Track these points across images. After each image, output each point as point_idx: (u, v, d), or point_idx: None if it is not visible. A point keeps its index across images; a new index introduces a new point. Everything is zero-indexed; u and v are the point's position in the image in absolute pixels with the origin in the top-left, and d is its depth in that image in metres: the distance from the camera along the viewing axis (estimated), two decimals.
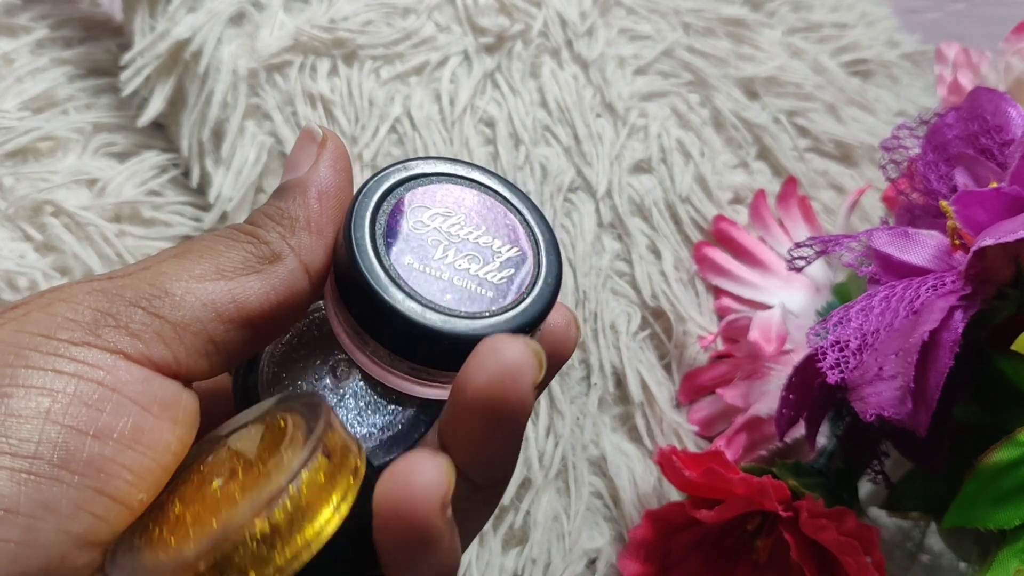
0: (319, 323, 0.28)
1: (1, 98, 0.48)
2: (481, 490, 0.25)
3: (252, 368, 0.27)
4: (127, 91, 0.50)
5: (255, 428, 0.23)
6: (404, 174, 0.25)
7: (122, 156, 0.50)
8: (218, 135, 0.49)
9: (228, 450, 0.22)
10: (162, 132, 0.52)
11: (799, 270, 0.39)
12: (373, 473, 0.23)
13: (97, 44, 0.53)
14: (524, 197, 0.26)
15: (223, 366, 0.24)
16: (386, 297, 0.23)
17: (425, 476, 0.20)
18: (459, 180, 0.26)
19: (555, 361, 0.26)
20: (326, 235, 0.25)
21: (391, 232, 0.24)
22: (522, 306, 0.24)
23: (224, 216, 0.49)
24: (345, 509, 0.21)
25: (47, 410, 0.19)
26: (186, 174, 0.51)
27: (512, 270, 0.25)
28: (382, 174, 0.25)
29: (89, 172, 0.48)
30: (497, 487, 0.26)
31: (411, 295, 0.23)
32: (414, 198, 0.25)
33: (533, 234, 0.26)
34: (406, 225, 0.24)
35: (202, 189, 0.50)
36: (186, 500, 0.21)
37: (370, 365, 0.25)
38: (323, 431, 0.21)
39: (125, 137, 0.51)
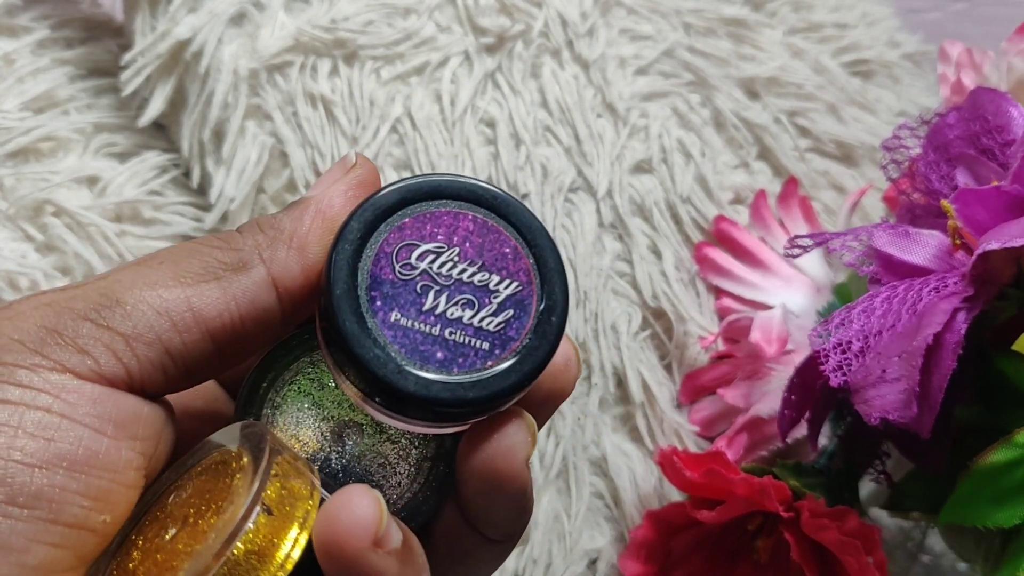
0: (318, 375, 0.27)
1: (2, 98, 0.48)
2: (493, 543, 0.25)
3: (250, 407, 0.26)
4: (128, 91, 0.50)
5: (215, 460, 0.22)
6: (389, 200, 0.23)
7: (123, 156, 0.50)
8: (219, 135, 0.49)
9: (189, 489, 0.22)
10: (163, 132, 0.52)
11: (795, 258, 0.39)
12: None
13: (98, 44, 0.53)
14: (525, 213, 0.24)
15: (183, 379, 0.22)
16: (373, 368, 0.21)
17: (354, 512, 0.20)
18: (452, 202, 0.23)
19: (554, 399, 0.25)
20: (308, 254, 0.23)
21: (375, 283, 0.22)
22: (518, 358, 0.22)
23: (225, 216, 0.49)
24: (290, 565, 0.20)
25: None
26: (187, 174, 0.51)
27: (511, 311, 0.23)
28: (367, 205, 0.22)
29: (90, 172, 0.48)
30: (509, 541, 0.26)
31: (395, 362, 0.22)
32: (402, 235, 0.22)
33: (536, 258, 0.23)
34: (392, 272, 0.22)
35: (203, 189, 0.50)
36: (144, 548, 0.21)
37: (375, 413, 0.24)
38: (261, 486, 0.21)
39: (126, 137, 0.51)
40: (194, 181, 0.50)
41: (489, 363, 0.22)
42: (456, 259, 0.23)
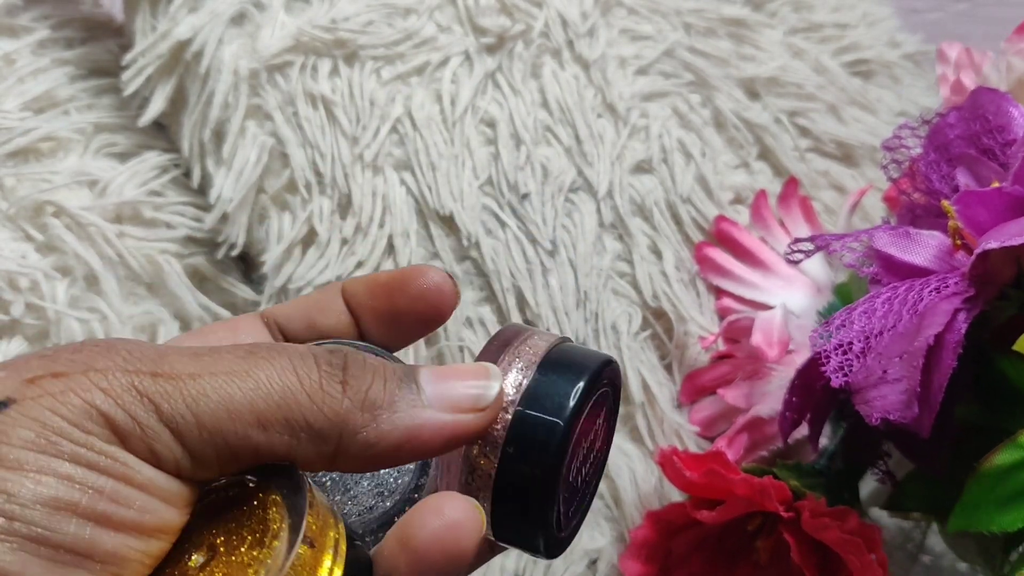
0: None
1: (2, 98, 0.48)
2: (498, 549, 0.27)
3: None
4: (128, 91, 0.50)
5: (225, 486, 0.23)
6: (589, 384, 0.24)
7: (123, 156, 0.50)
8: (219, 135, 0.49)
9: (207, 522, 0.22)
10: (163, 132, 0.52)
11: (796, 263, 0.39)
12: (354, 542, 0.24)
13: (98, 44, 0.53)
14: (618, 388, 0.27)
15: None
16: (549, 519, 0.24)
17: (467, 511, 0.23)
18: (603, 386, 0.25)
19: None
20: (372, 466, 0.24)
21: (568, 466, 0.24)
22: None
23: (225, 216, 0.49)
24: None
25: (77, 503, 0.20)
26: (187, 174, 0.51)
27: (592, 466, 0.26)
28: (584, 389, 0.24)
29: (90, 172, 0.48)
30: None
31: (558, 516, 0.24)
32: (583, 424, 0.25)
33: (608, 420, 0.27)
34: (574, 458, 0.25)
35: (203, 189, 0.50)
36: (169, 574, 0.21)
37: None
38: (306, 519, 0.21)
39: (126, 137, 0.51)
40: (194, 181, 0.50)
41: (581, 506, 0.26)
42: (587, 449, 0.25)
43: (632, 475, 0.47)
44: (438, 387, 0.24)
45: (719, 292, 0.50)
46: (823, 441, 0.44)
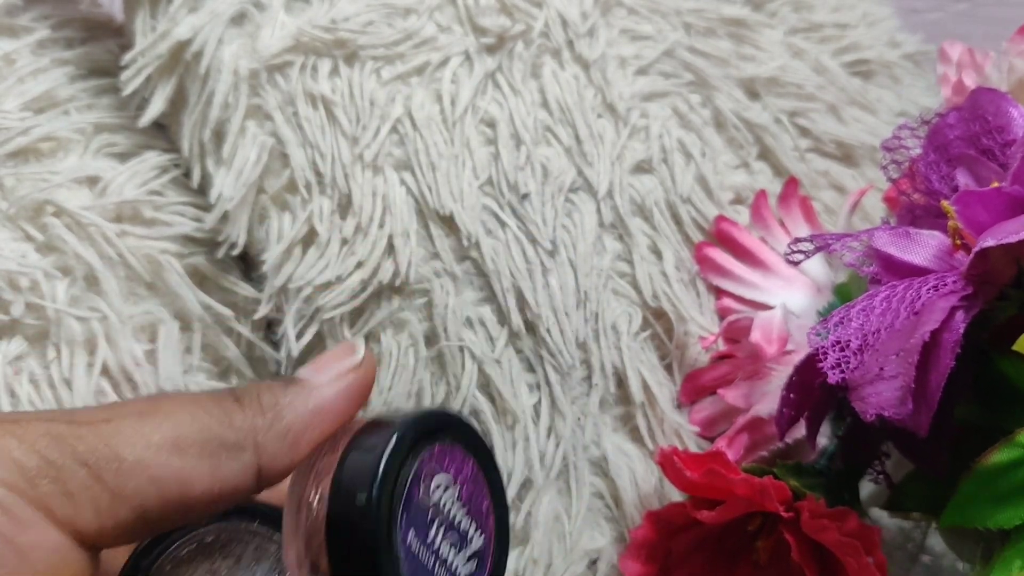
0: (224, 542, 0.27)
1: (2, 98, 0.48)
2: None
3: (146, 557, 0.26)
4: (127, 91, 0.50)
5: None
6: (430, 425, 0.24)
7: (123, 156, 0.50)
8: (219, 135, 0.49)
9: None
10: (163, 132, 0.52)
11: (796, 263, 0.39)
12: None
13: (98, 44, 0.53)
14: (502, 481, 0.26)
15: (144, 537, 0.24)
16: None
17: None
18: (465, 442, 0.25)
19: None
20: (299, 450, 0.25)
21: (407, 502, 0.23)
22: None
23: (225, 216, 0.49)
24: None
25: None
26: (187, 174, 0.51)
27: (474, 564, 0.25)
28: (414, 425, 0.24)
29: (90, 172, 0.48)
30: None
31: None
32: (431, 461, 0.24)
33: (498, 521, 0.26)
34: (418, 493, 0.24)
35: (203, 189, 0.50)
36: None
37: None
38: None
39: (126, 137, 0.51)
40: (194, 181, 0.50)
41: None
42: (455, 497, 0.25)
43: (632, 475, 0.47)
44: (317, 371, 0.26)
45: (719, 292, 0.50)
46: (823, 441, 0.44)
